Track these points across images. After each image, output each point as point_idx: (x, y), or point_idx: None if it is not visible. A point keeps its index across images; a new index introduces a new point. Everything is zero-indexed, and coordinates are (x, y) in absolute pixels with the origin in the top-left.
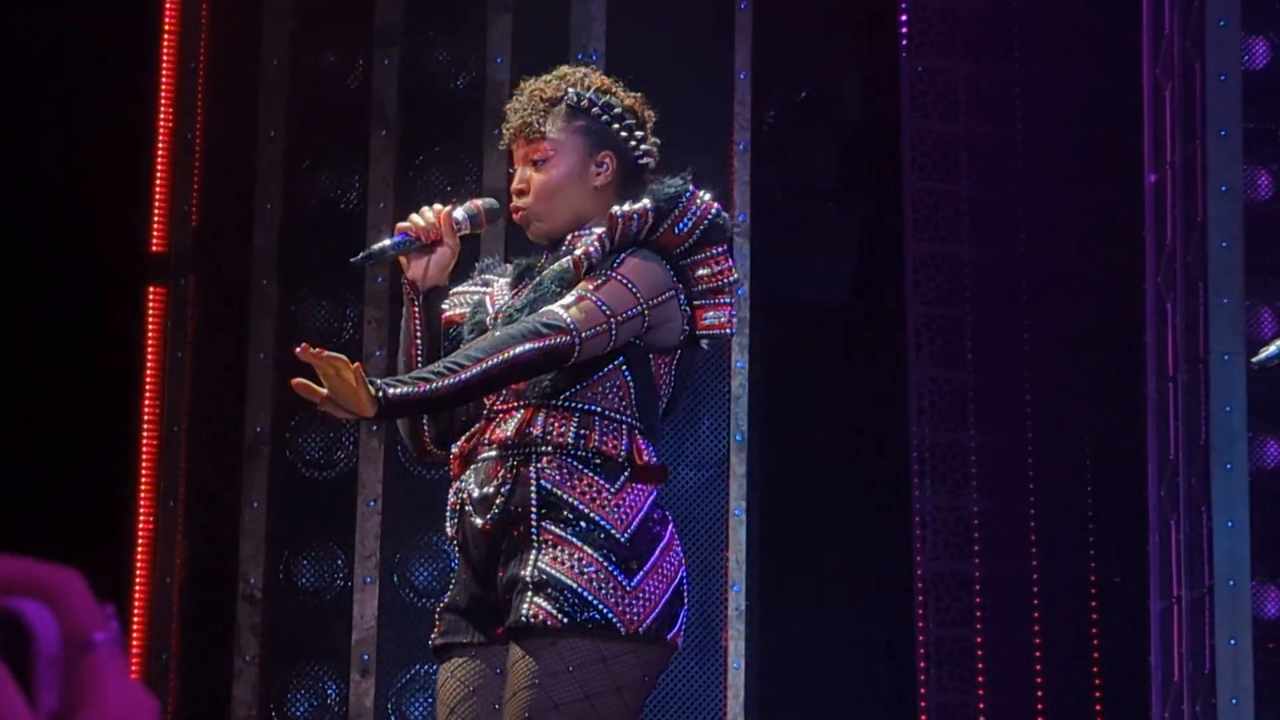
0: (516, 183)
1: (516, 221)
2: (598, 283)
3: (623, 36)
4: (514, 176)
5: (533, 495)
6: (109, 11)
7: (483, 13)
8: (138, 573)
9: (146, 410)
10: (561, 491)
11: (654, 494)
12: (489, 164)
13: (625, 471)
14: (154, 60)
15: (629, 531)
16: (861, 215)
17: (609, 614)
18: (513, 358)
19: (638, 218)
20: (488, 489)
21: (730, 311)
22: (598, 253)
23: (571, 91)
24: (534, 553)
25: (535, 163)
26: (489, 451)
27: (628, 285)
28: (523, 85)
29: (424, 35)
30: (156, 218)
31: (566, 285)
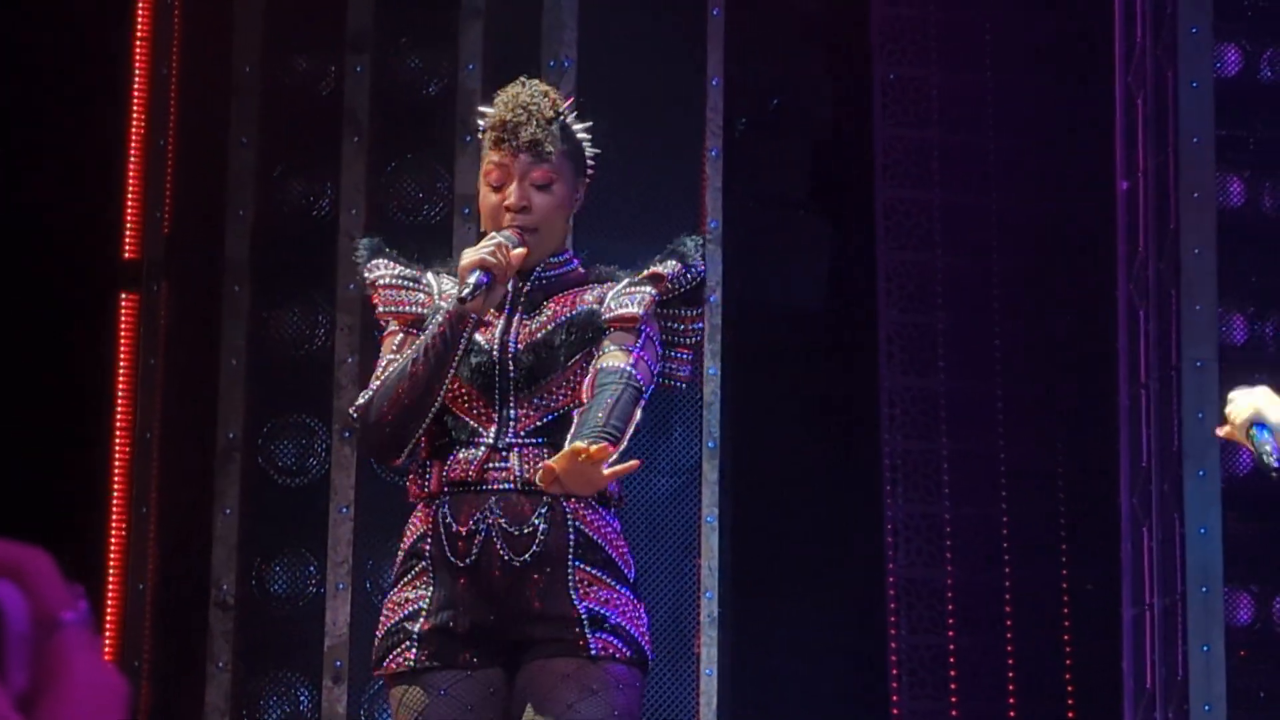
0: (517, 199)
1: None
2: (641, 342)
3: (594, 43)
4: (504, 189)
5: (570, 536)
6: (81, 18)
7: (454, 20)
8: (110, 579)
9: (118, 417)
10: (591, 533)
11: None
12: (460, 171)
13: (617, 510)
14: (126, 67)
15: (633, 569)
16: (833, 222)
17: (646, 649)
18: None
19: (674, 277)
20: (525, 527)
21: (688, 366)
22: (652, 312)
23: (563, 117)
24: (573, 592)
25: (540, 185)
26: (505, 486)
27: (657, 345)
28: (512, 92)
29: (396, 42)
30: (129, 224)
31: (597, 331)
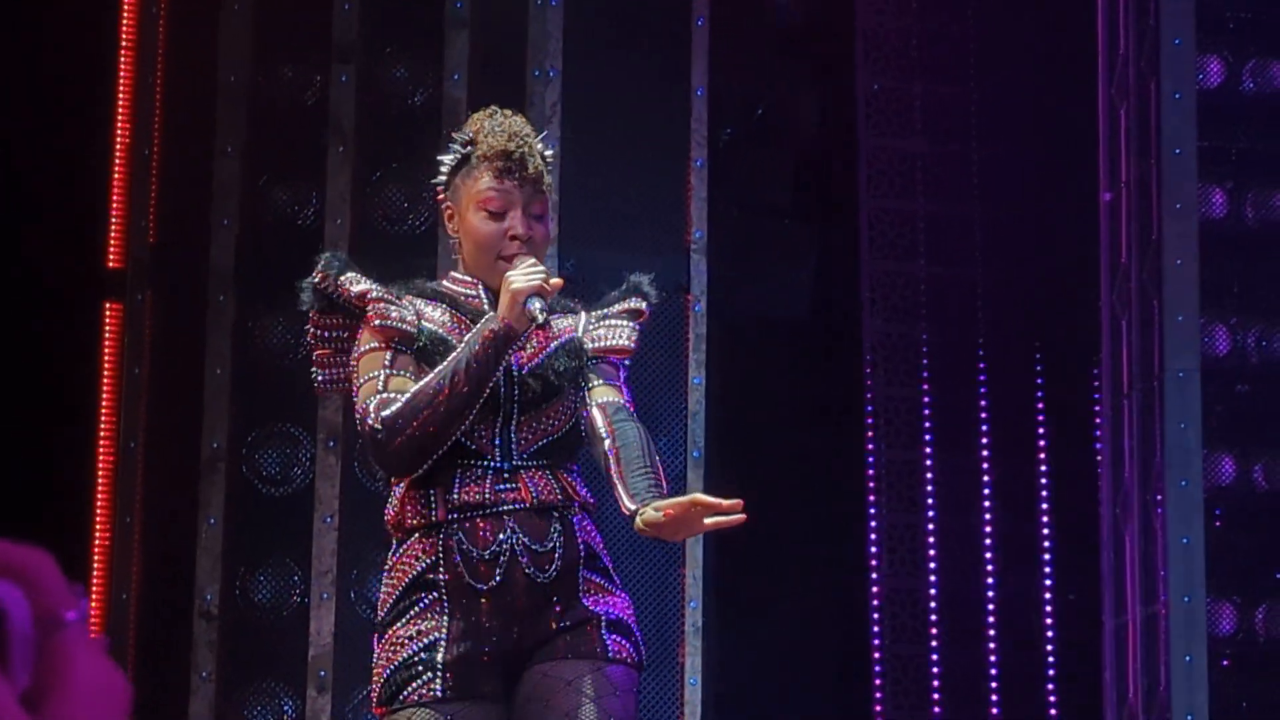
0: (525, 229)
1: (498, 265)
2: (622, 376)
3: (580, 53)
4: (498, 217)
5: (580, 547)
6: (66, 27)
7: (440, 29)
8: (94, 588)
9: (103, 426)
10: (592, 542)
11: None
12: None
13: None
14: (111, 76)
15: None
16: (818, 232)
17: (644, 648)
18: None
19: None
20: (546, 544)
21: None
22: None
23: (550, 151)
24: (585, 599)
25: (537, 217)
26: (516, 506)
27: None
28: (503, 124)
29: (381, 52)
30: (113, 233)
31: (578, 358)
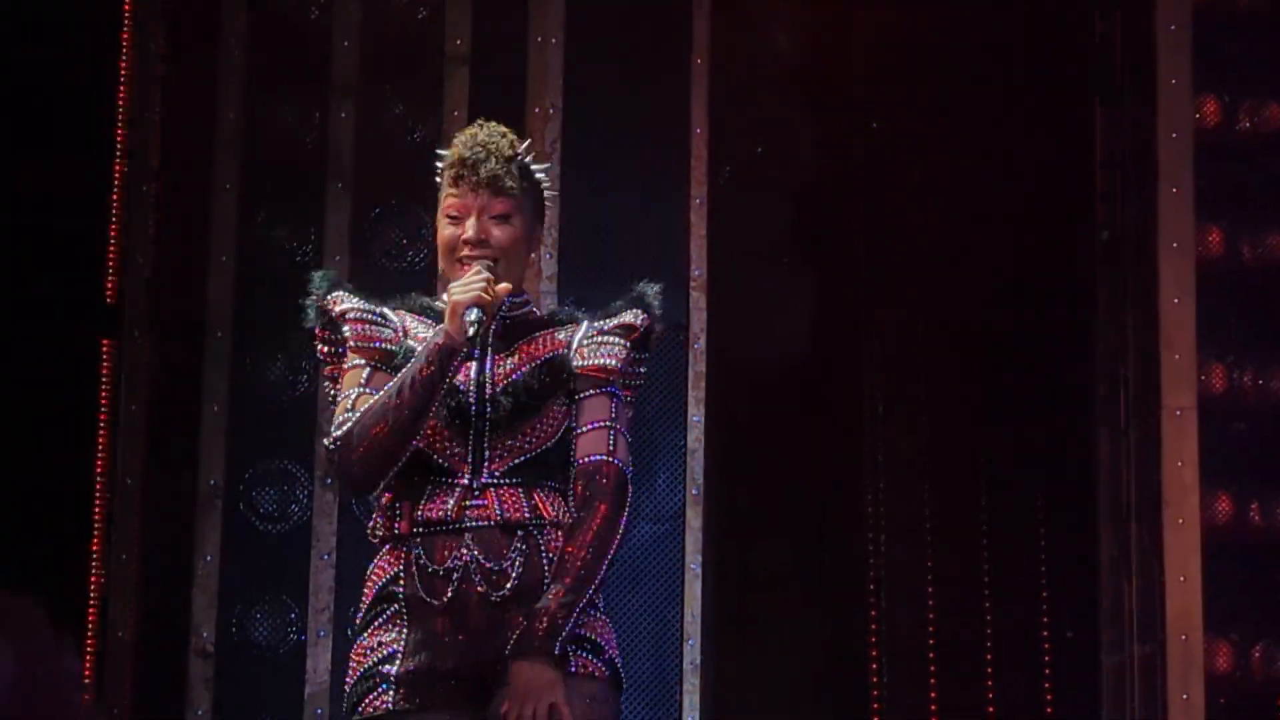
0: (475, 233)
1: (460, 271)
2: (615, 410)
3: (580, 90)
4: (458, 222)
5: (545, 567)
6: (66, 64)
7: (439, 66)
8: (90, 626)
9: (99, 463)
10: None
11: None
12: None
13: None
14: (110, 112)
15: (600, 596)
16: (817, 268)
17: (620, 670)
18: (619, 542)
19: (645, 334)
20: (502, 563)
21: (632, 410)
22: (626, 367)
23: (527, 157)
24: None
25: (498, 218)
26: (480, 524)
27: (628, 402)
28: (470, 132)
29: (380, 88)
30: (111, 270)
31: (561, 374)
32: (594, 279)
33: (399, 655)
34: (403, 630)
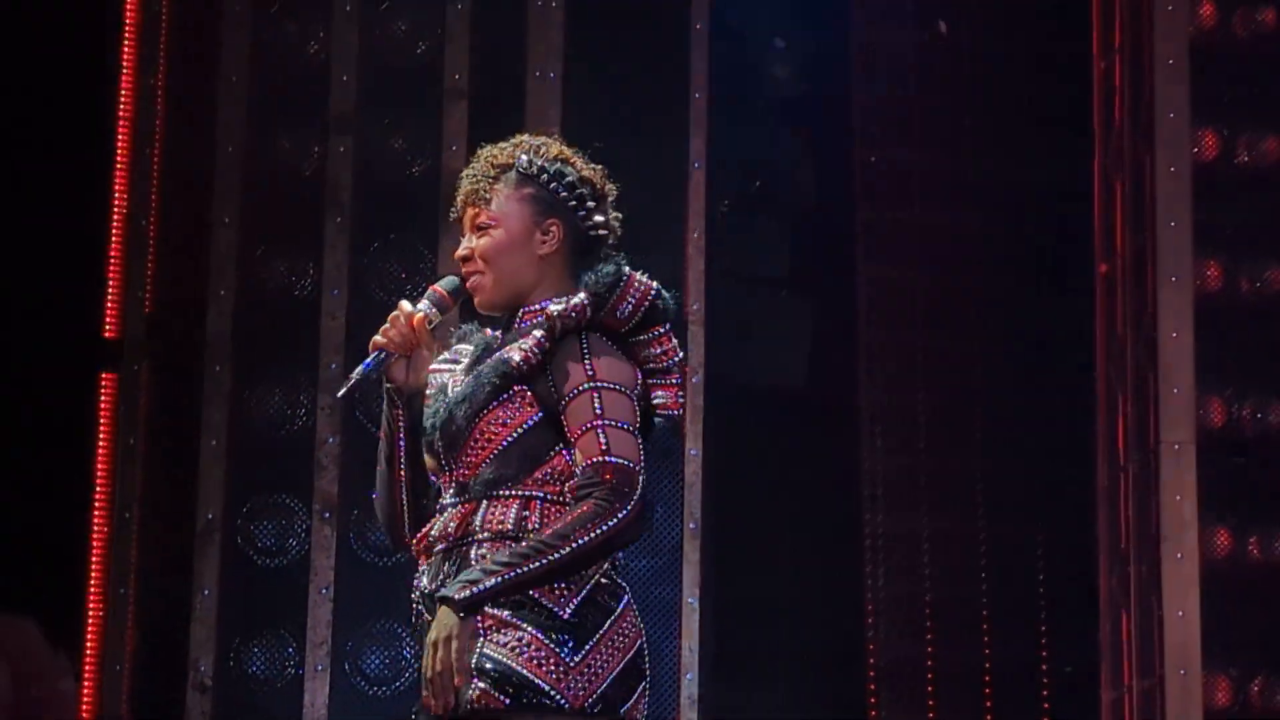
0: (461, 250)
1: (468, 290)
2: (600, 404)
3: (579, 124)
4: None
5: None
6: (65, 96)
7: (439, 100)
8: (88, 659)
9: (98, 496)
10: None
11: (603, 567)
12: (444, 251)
13: None
14: (109, 146)
15: (571, 606)
16: (815, 303)
17: (551, 691)
18: (606, 532)
19: (574, 314)
20: (435, 584)
21: (677, 392)
22: (536, 356)
23: (523, 158)
24: (480, 640)
25: (480, 228)
26: (438, 546)
27: (620, 390)
28: (479, 152)
29: (379, 122)
30: (109, 304)
31: (506, 379)
32: None
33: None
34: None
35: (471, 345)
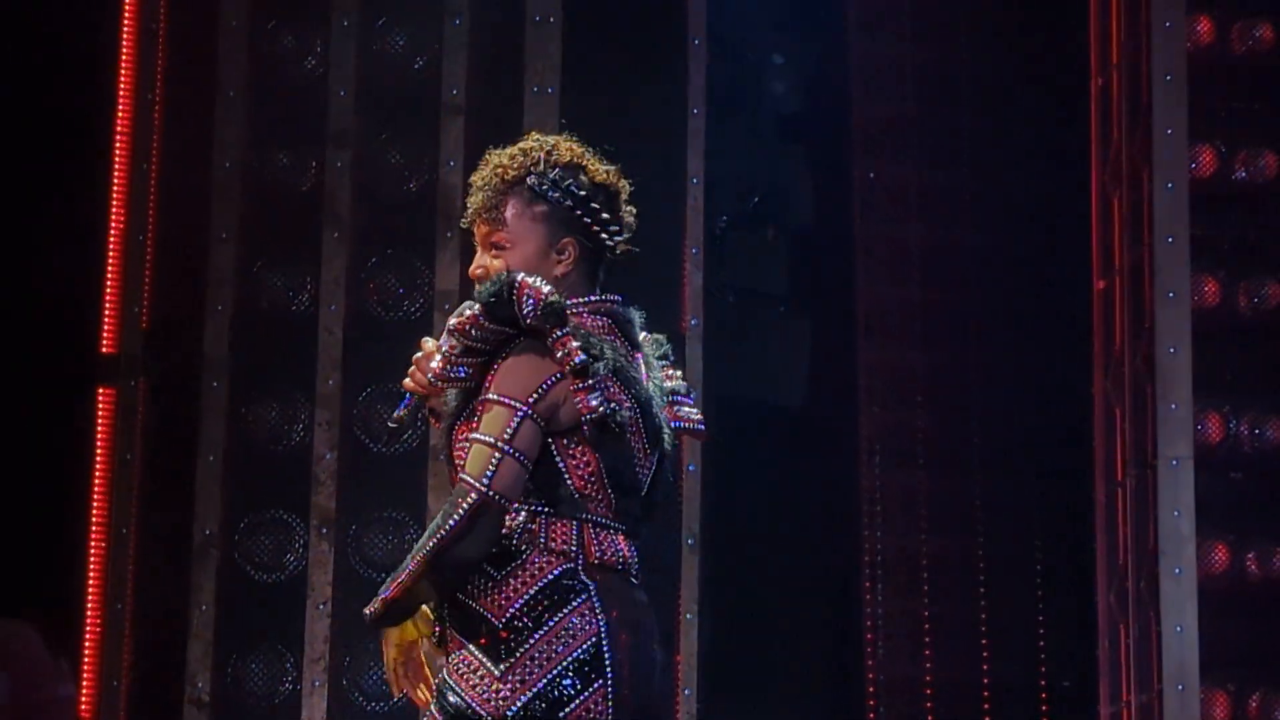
0: (475, 267)
1: None
2: (479, 417)
3: (576, 140)
4: (474, 257)
5: (446, 604)
6: (62, 112)
7: (436, 116)
8: (85, 674)
9: (95, 512)
10: (461, 594)
11: (556, 571)
12: (441, 266)
13: (518, 557)
14: (107, 161)
15: (505, 616)
16: (813, 320)
17: (473, 704)
18: (435, 547)
19: (470, 326)
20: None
21: (591, 394)
22: (451, 369)
23: (533, 176)
24: (448, 658)
25: (494, 247)
26: None
27: (501, 402)
28: (488, 156)
29: (377, 137)
30: (107, 319)
31: (460, 396)
32: None
33: None
34: None
35: None
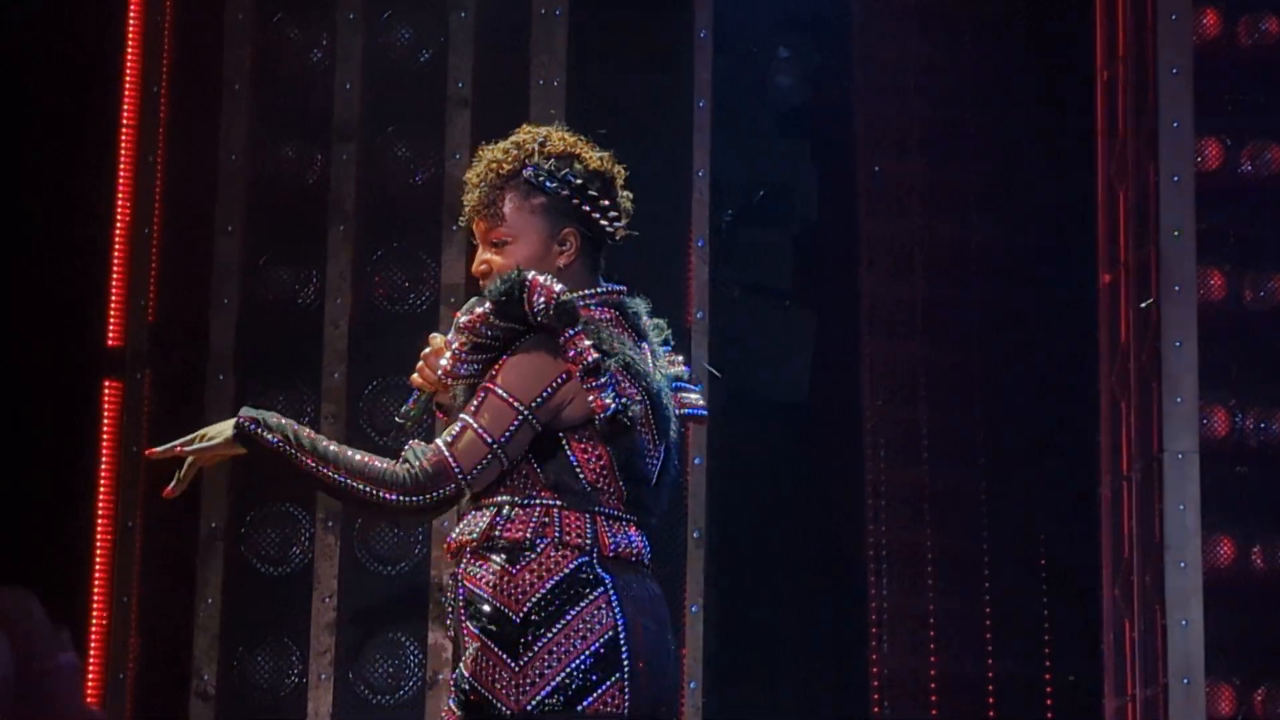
0: (478, 264)
1: None
2: (477, 404)
3: (583, 133)
4: (475, 254)
5: (460, 596)
6: (67, 105)
7: (442, 108)
8: (91, 667)
9: (101, 505)
10: (475, 587)
11: (571, 565)
12: (447, 260)
13: (532, 551)
14: (112, 154)
15: (523, 610)
16: (818, 314)
17: (493, 699)
18: (369, 498)
19: (480, 324)
20: (445, 595)
21: (603, 392)
22: (461, 367)
23: (529, 169)
24: (464, 653)
25: (495, 244)
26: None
27: (505, 399)
28: (480, 152)
29: (382, 131)
30: (113, 312)
31: (467, 391)
32: None
33: None
34: None
35: None
